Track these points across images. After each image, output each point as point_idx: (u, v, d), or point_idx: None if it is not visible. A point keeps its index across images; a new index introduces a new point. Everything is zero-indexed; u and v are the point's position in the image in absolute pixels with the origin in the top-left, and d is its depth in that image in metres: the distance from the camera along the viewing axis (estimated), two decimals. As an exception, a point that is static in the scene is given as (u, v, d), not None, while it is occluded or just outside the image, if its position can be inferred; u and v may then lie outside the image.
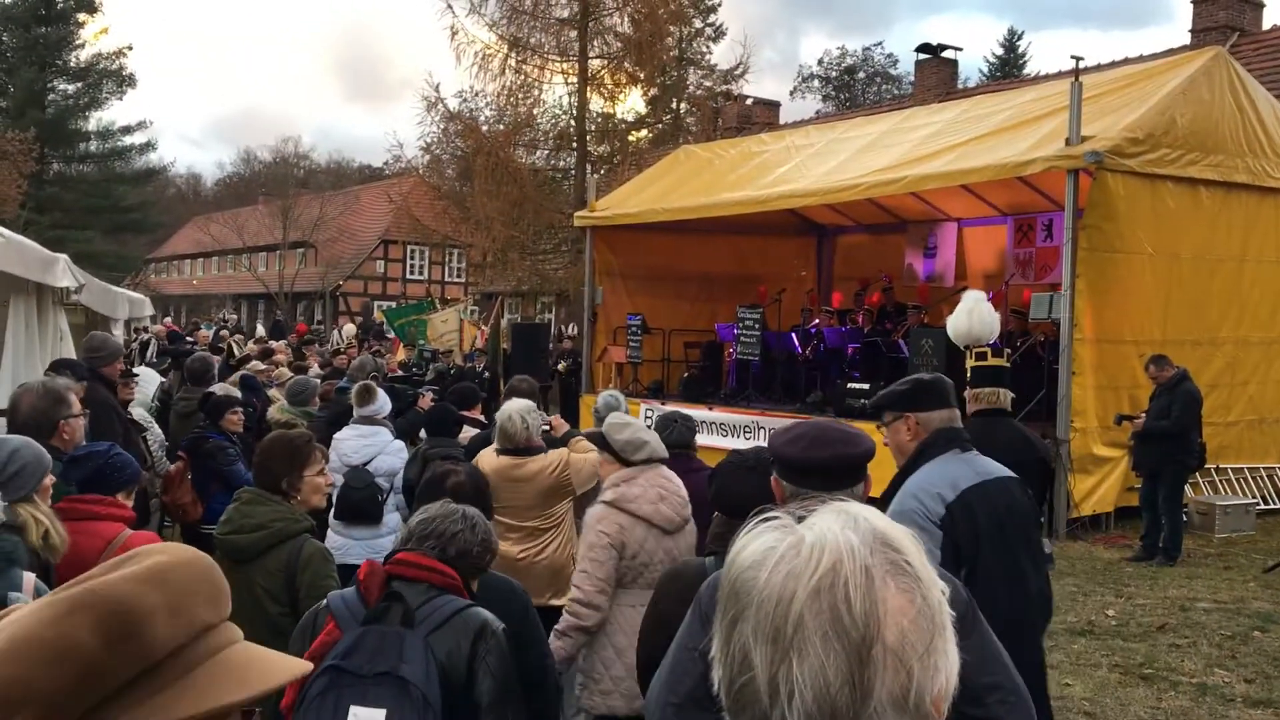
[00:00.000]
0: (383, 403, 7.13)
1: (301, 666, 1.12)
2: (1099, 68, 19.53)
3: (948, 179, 12.11)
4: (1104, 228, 10.90)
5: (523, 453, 5.40)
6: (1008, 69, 52.31)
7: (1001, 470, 3.67)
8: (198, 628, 1.03)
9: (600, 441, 4.59)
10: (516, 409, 5.46)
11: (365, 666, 2.52)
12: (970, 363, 5.57)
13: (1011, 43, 55.79)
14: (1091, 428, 10.93)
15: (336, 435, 6.92)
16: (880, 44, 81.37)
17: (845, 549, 0.97)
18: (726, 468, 3.36)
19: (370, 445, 6.74)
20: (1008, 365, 5.81)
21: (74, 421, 4.12)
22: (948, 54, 27.13)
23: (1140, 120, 11.06)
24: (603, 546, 4.18)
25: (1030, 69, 50.41)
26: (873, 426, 12.44)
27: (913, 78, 30.59)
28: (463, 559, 2.79)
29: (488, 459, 5.49)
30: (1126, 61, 20.49)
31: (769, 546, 1.00)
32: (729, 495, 3.23)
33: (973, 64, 68.25)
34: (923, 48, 27.20)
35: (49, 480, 3.33)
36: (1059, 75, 21.36)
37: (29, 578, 3.00)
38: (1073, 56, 12.21)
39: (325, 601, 2.80)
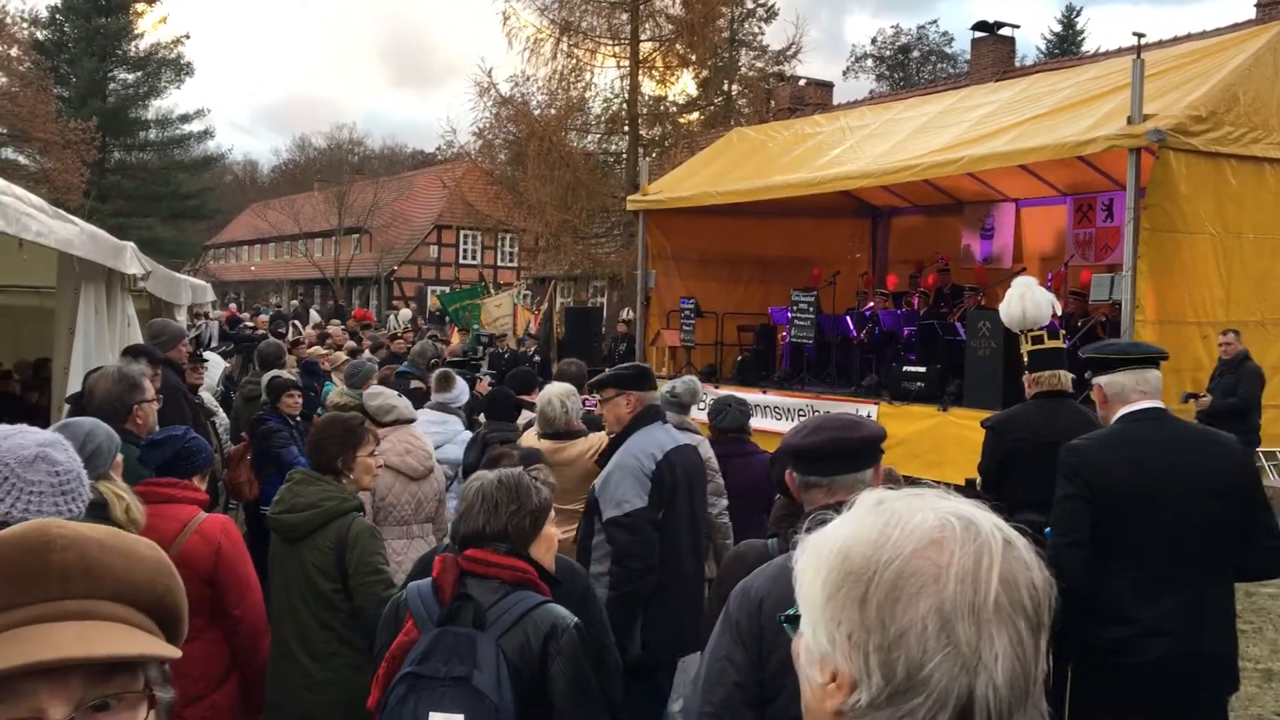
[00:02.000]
0: (460, 391, 7.21)
1: (29, 658, 1.03)
2: (1160, 44, 19.15)
3: (1006, 159, 11.92)
4: (1166, 207, 10.70)
5: (563, 436, 5.43)
6: (1066, 46, 51.39)
7: (688, 438, 5.21)
8: None
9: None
10: (556, 393, 5.50)
11: (441, 670, 2.57)
12: (1026, 346, 5.52)
13: (1069, 19, 54.81)
14: (1154, 411, 10.74)
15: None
16: (935, 22, 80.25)
17: (1007, 533, 1.08)
18: (789, 451, 3.39)
19: (440, 433, 6.79)
20: (1065, 347, 5.74)
21: (147, 406, 4.22)
22: (1004, 31, 26.71)
23: (1204, 98, 10.82)
24: None
25: (1088, 46, 49.53)
26: (933, 410, 12.29)
27: (968, 56, 30.17)
28: (520, 538, 2.82)
29: (528, 441, 5.55)
30: (1189, 38, 20.05)
31: (924, 527, 1.06)
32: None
33: (1029, 42, 67.09)
34: (979, 25, 26.81)
35: (119, 458, 3.43)
36: (1119, 52, 20.97)
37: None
38: (1134, 33, 11.91)
39: (404, 595, 2.84)
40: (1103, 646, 3.68)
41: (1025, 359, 5.46)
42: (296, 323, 20.99)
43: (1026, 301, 6.26)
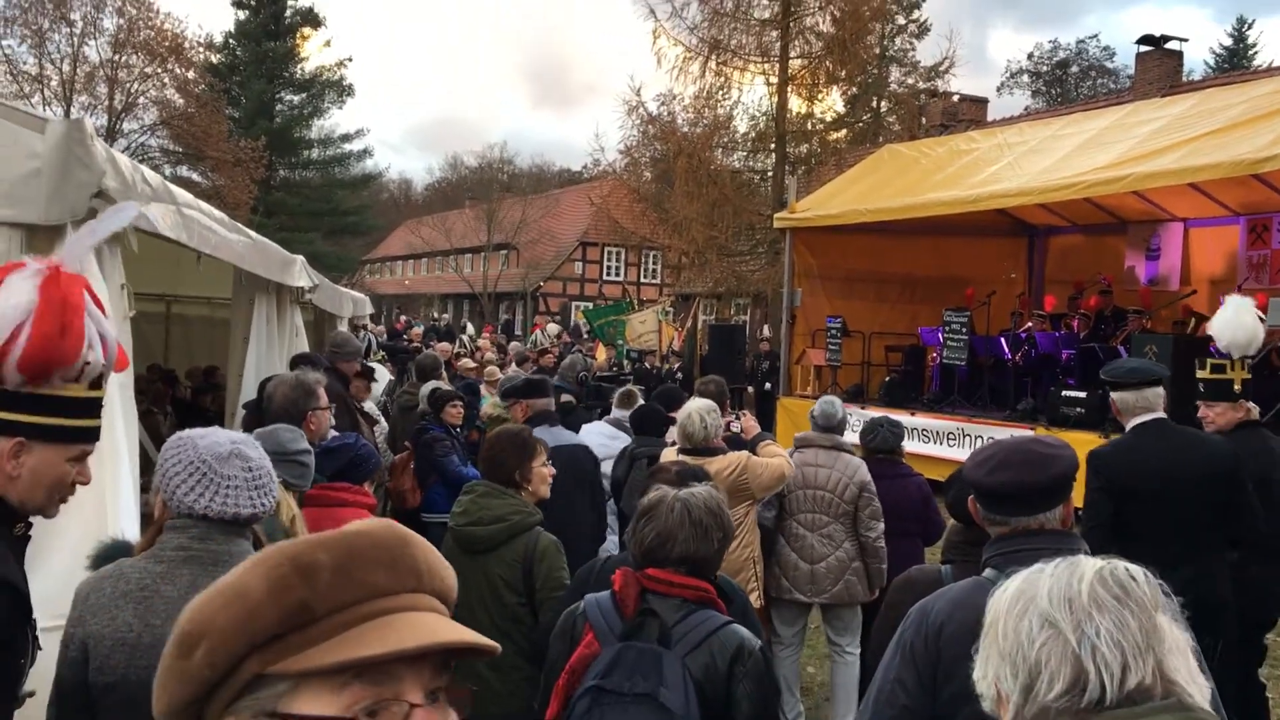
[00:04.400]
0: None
1: (452, 636, 1.08)
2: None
3: (1177, 176, 11.41)
4: (1352, 227, 10.10)
5: (702, 453, 5.38)
6: (1236, 60, 49.07)
7: (572, 438, 6.16)
8: (367, 590, 1.07)
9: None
10: (697, 408, 5.45)
11: (625, 685, 2.55)
12: (1242, 374, 5.28)
13: (1240, 32, 52.31)
14: (1335, 443, 10.12)
15: (585, 426, 7.12)
16: (1095, 36, 77.34)
17: (1107, 559, 1.38)
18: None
19: (608, 447, 6.85)
20: (1249, 377, 5.47)
21: (321, 414, 4.38)
22: (1171, 45, 25.63)
23: (1396, 112, 10.19)
24: None
25: (1260, 60, 47.17)
26: (1095, 436, 11.88)
27: (1130, 71, 29.07)
28: (707, 566, 2.80)
29: (668, 457, 5.54)
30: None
31: (1036, 568, 1.41)
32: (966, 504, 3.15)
33: (1195, 57, 64.20)
34: (1144, 39, 25.79)
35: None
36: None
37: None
38: (1318, 44, 11.29)
39: (582, 607, 2.83)
40: None
41: (1238, 387, 5.21)
42: (465, 336, 21.59)
43: (1258, 325, 5.98)
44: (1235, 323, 5.87)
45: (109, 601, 2.28)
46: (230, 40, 47.59)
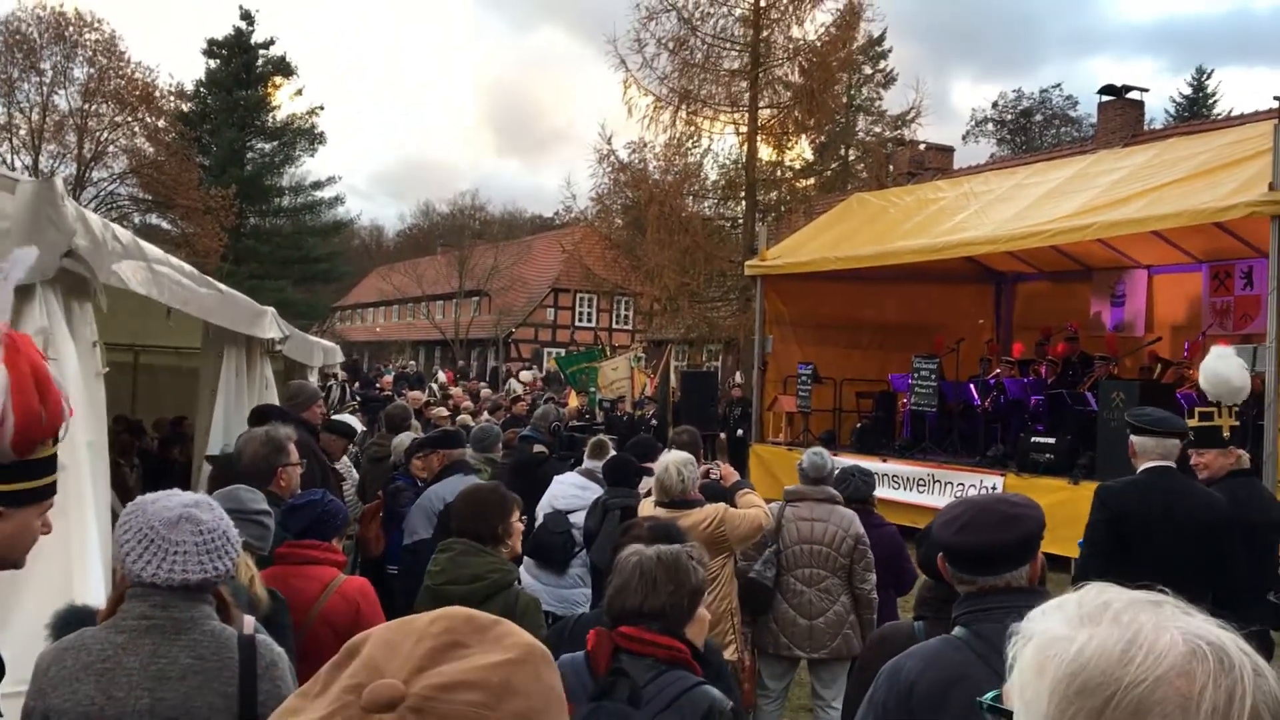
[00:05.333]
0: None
1: None
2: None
3: (1140, 225, 11.60)
4: (1312, 276, 10.27)
5: (680, 505, 5.38)
6: (1196, 109, 50.07)
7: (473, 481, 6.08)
8: None
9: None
10: (673, 461, 5.45)
11: None
12: (1229, 421, 5.41)
13: (1199, 82, 53.44)
14: (1302, 488, 10.23)
15: (558, 477, 7.10)
16: (1059, 86, 78.77)
17: (1256, 662, 1.01)
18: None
19: (580, 498, 6.83)
20: (1238, 424, 5.58)
21: (291, 470, 4.35)
22: (1133, 95, 26.16)
23: (1352, 162, 10.40)
24: None
25: (1220, 109, 48.16)
26: (1063, 483, 11.91)
27: (1093, 120, 29.61)
28: (676, 617, 2.78)
29: (646, 509, 5.53)
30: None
31: (1173, 653, 1.00)
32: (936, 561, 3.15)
33: (1156, 105, 65.46)
34: (1106, 89, 26.31)
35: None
36: (1255, 116, 20.34)
37: (249, 620, 3.18)
38: (1276, 97, 11.57)
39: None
40: None
41: (1227, 434, 5.30)
42: (434, 385, 21.49)
43: (1243, 374, 6.09)
44: (1222, 371, 5.97)
45: (70, 675, 2.24)
46: (201, 88, 47.61)
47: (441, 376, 28.78)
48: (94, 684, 2.21)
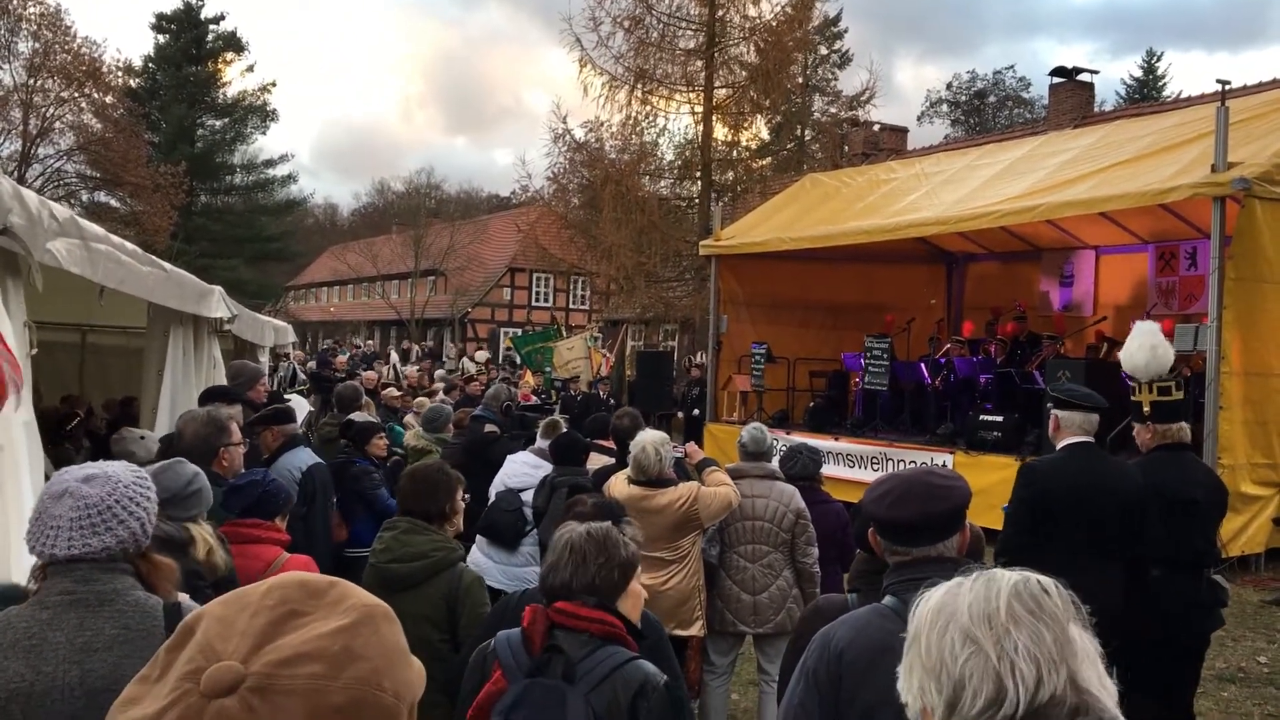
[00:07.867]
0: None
1: None
2: (1245, 90, 18.81)
3: (1087, 206, 11.76)
4: (1252, 257, 10.47)
5: (654, 484, 5.44)
6: (1146, 92, 50.69)
7: (312, 460, 6.15)
8: None
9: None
10: (650, 440, 5.50)
11: None
12: (1149, 396, 5.45)
13: (1150, 65, 54.08)
14: (1240, 465, 10.45)
15: (510, 456, 7.09)
16: (1012, 67, 79.42)
17: (1024, 573, 1.42)
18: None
19: (532, 476, 6.81)
20: (1184, 399, 5.65)
21: (234, 450, 4.32)
22: (1083, 77, 26.41)
23: (1291, 145, 10.61)
24: None
25: (1169, 91, 48.79)
26: (1010, 460, 12.06)
27: (1045, 102, 29.88)
28: (608, 591, 2.81)
29: (619, 487, 5.56)
30: (1276, 84, 19.66)
31: (953, 583, 1.43)
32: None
33: (1108, 87, 66.16)
34: (1057, 71, 26.54)
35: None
36: (1201, 99, 20.63)
37: (182, 596, 3.16)
38: (1219, 80, 11.74)
39: (493, 645, 2.82)
40: None
41: (1147, 409, 5.38)
42: (394, 366, 21.35)
43: (1157, 350, 6.12)
44: (1131, 349, 6.07)
45: None
46: (150, 64, 46.81)
47: (395, 357, 28.57)
48: (22, 660, 2.20)
